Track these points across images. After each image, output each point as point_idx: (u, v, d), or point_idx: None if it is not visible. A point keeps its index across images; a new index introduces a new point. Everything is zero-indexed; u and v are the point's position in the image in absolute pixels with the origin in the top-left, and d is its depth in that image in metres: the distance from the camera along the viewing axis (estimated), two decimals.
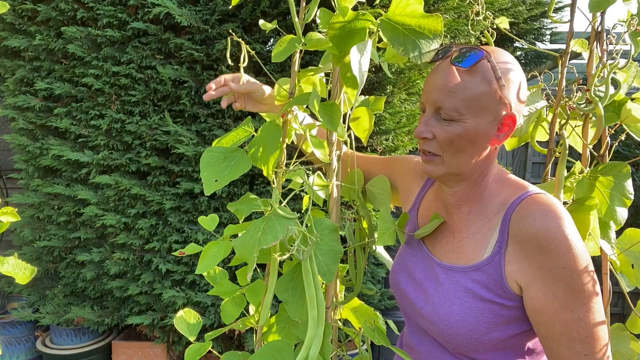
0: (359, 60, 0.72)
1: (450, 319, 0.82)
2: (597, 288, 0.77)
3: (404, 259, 0.98)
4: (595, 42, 1.09)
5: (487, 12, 1.15)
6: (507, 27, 1.23)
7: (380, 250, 1.05)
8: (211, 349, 0.99)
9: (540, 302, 0.77)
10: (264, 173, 0.86)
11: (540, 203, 0.79)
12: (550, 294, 0.76)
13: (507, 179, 0.87)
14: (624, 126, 1.08)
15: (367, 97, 1.02)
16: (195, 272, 1.00)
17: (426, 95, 0.82)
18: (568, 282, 0.75)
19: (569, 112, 1.09)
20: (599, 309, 0.77)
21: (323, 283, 0.98)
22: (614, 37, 1.07)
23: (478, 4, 1.14)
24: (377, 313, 1.04)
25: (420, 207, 1.01)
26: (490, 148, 0.83)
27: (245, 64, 0.91)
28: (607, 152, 1.10)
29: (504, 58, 0.81)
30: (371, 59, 0.78)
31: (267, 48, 2.26)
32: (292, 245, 0.77)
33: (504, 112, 0.80)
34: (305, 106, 0.89)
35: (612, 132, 1.11)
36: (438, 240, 0.92)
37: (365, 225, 1.05)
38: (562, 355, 0.77)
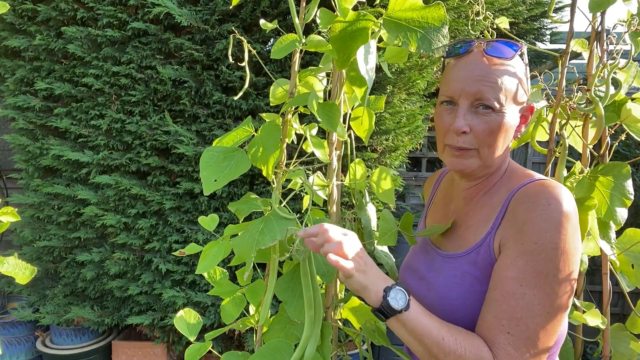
0: (366, 60, 0.72)
1: (452, 304, 0.83)
2: (566, 290, 0.72)
3: (410, 256, 1.01)
4: (595, 42, 1.09)
5: (487, 12, 1.15)
6: (507, 27, 1.23)
7: (380, 250, 1.05)
8: (211, 349, 0.99)
9: (498, 266, 0.76)
10: (264, 173, 0.86)
11: (540, 185, 0.78)
12: (509, 262, 0.74)
13: (517, 170, 0.88)
14: (624, 126, 1.08)
15: (367, 96, 1.02)
16: (196, 272, 1.00)
17: (458, 88, 0.81)
18: (533, 258, 0.72)
19: (569, 112, 1.09)
20: (549, 307, 0.72)
21: (323, 283, 0.98)
22: (614, 37, 1.07)
23: (478, 4, 1.14)
24: None
25: (430, 209, 1.04)
26: (512, 140, 0.86)
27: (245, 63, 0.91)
28: (607, 152, 1.10)
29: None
30: None
31: (267, 48, 2.26)
32: (291, 246, 0.77)
33: (526, 103, 0.84)
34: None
35: (612, 132, 1.11)
36: (444, 233, 0.93)
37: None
38: (486, 322, 0.74)
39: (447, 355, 0.71)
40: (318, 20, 0.79)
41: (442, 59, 0.88)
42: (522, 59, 0.83)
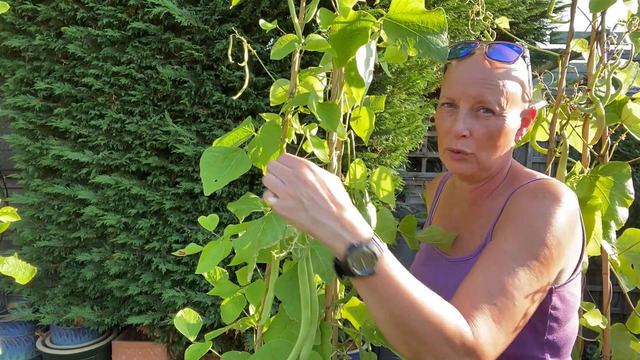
0: (365, 61, 0.72)
1: None
2: (551, 279, 0.72)
3: (416, 264, 1.00)
4: (596, 42, 1.09)
5: (487, 12, 1.15)
6: (507, 27, 1.23)
7: None
8: (211, 349, 0.99)
9: (491, 243, 0.75)
10: (264, 173, 0.86)
11: (540, 183, 0.78)
12: (503, 239, 0.73)
13: (519, 172, 0.88)
14: (625, 126, 1.08)
15: (367, 96, 1.02)
16: (196, 272, 1.00)
17: (459, 91, 0.80)
18: (527, 239, 0.71)
19: (569, 112, 1.09)
20: (539, 292, 0.70)
21: (323, 283, 0.98)
22: (614, 37, 1.07)
23: (478, 4, 1.13)
24: None
25: (434, 215, 1.04)
26: (513, 143, 0.85)
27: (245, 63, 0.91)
28: (608, 152, 1.10)
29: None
30: None
31: (267, 48, 2.26)
32: (289, 244, 0.77)
33: (527, 106, 0.83)
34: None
35: (613, 132, 1.11)
36: None
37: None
38: (471, 287, 0.70)
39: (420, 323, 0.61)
40: (318, 20, 0.79)
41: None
42: (525, 62, 0.82)
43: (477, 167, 0.83)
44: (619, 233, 1.09)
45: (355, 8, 0.80)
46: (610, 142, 1.10)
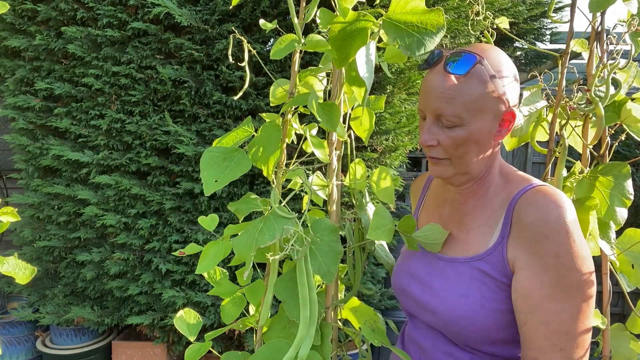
0: (365, 61, 0.72)
1: (459, 310, 0.83)
2: (592, 289, 0.76)
3: (405, 261, 0.99)
4: (595, 42, 1.09)
5: (487, 12, 1.15)
6: (507, 27, 1.23)
7: (380, 249, 1.05)
8: (211, 349, 0.99)
9: (527, 287, 0.77)
10: (264, 173, 0.86)
11: (543, 193, 0.80)
12: (538, 281, 0.76)
13: (512, 174, 0.89)
14: (624, 126, 1.08)
15: (367, 96, 1.02)
16: (195, 272, 1.00)
17: (424, 102, 0.83)
18: (559, 272, 0.75)
19: (569, 112, 1.09)
20: (586, 310, 0.76)
21: (322, 283, 0.98)
22: (614, 37, 1.07)
23: (478, 4, 1.13)
24: (377, 313, 1.04)
25: (421, 211, 1.03)
26: (493, 144, 0.85)
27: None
28: (607, 152, 1.10)
29: (496, 55, 0.82)
30: None
31: (267, 48, 2.26)
32: (286, 244, 0.77)
33: (503, 109, 0.82)
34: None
35: (612, 132, 1.11)
36: None
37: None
38: (537, 345, 0.76)
39: None
40: (318, 20, 0.79)
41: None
42: (483, 69, 0.79)
43: (454, 170, 0.85)
44: (619, 233, 1.09)
45: (355, 8, 0.80)
46: (610, 142, 1.10)
